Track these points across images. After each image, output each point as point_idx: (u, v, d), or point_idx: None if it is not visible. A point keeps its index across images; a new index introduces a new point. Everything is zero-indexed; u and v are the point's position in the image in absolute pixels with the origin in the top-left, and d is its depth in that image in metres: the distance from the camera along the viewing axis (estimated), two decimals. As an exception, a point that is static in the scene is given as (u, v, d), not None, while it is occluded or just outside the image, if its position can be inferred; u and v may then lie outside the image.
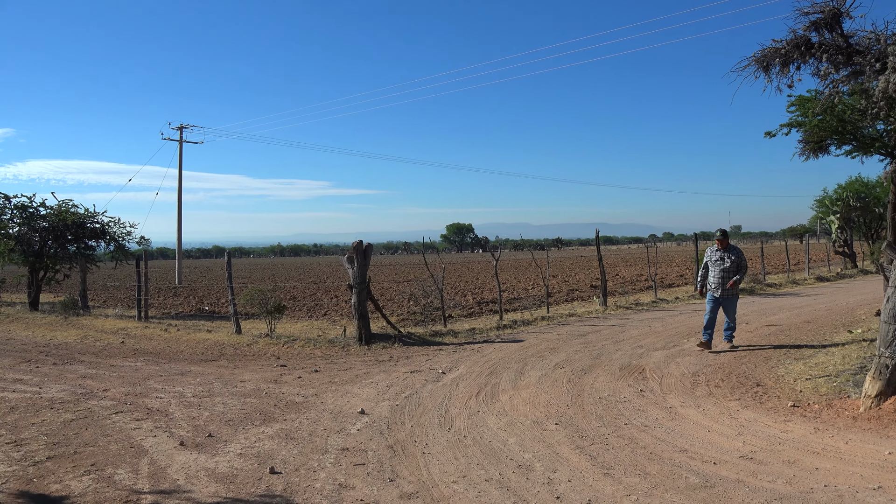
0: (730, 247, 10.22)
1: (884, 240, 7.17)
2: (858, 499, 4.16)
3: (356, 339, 11.46)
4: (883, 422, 5.75)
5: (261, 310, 13.01)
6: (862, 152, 13.29)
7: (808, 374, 7.90)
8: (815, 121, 12.44)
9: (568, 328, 13.04)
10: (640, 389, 7.55)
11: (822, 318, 13.20)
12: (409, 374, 8.87)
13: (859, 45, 9.14)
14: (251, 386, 8.36)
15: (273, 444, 5.82)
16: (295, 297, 22.82)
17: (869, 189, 29.87)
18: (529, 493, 4.52)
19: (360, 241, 11.87)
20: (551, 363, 9.26)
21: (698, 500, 4.29)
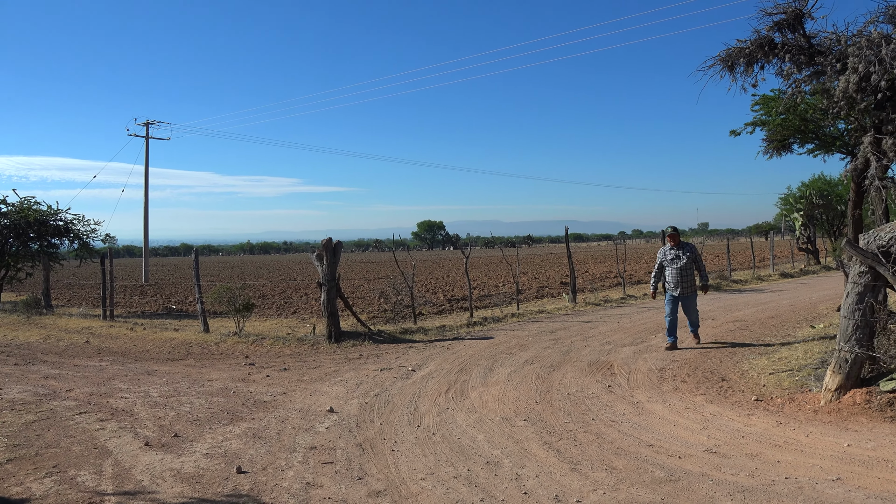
0: (682, 243, 10.00)
1: (845, 237, 7.32)
2: (818, 490, 4.26)
3: (326, 337, 11.41)
4: (842, 414, 5.88)
5: (229, 308, 12.88)
6: (824, 151, 13.56)
7: (772, 369, 8.05)
8: (778, 120, 12.67)
9: (538, 325, 13.12)
10: (608, 385, 7.63)
11: (786, 314, 13.44)
12: (378, 371, 8.86)
13: (821, 45, 9.32)
14: (219, 385, 8.27)
15: (240, 444, 5.77)
16: (264, 296, 22.63)
17: (831, 187, 30.52)
18: (497, 489, 4.54)
19: (329, 238, 11.81)
20: (521, 360, 9.30)
21: (663, 493, 4.35)
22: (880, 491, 4.18)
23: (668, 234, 10.02)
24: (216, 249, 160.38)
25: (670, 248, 9.95)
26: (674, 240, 9.93)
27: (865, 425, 5.55)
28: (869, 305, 6.21)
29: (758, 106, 13.52)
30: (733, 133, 13.95)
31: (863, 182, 9.57)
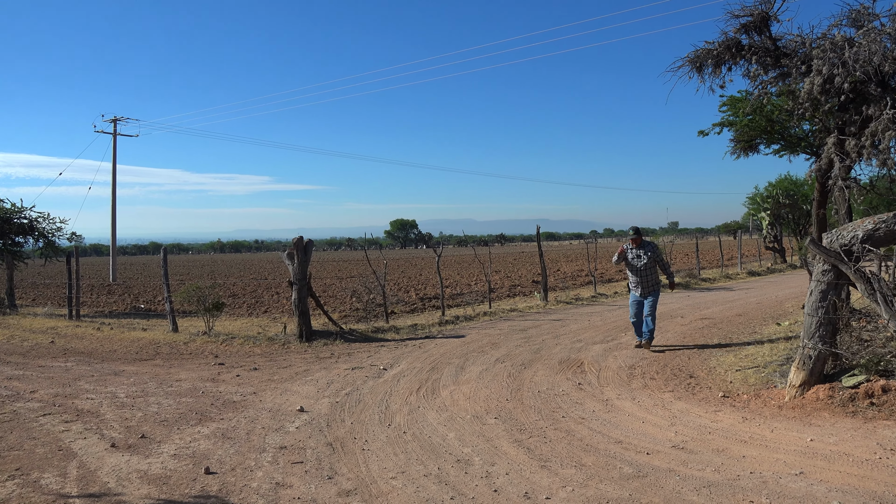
0: (644, 243, 9.86)
1: (810, 236, 7.47)
2: (781, 484, 4.34)
3: (297, 337, 11.34)
4: (806, 410, 6.00)
5: (199, 307, 12.74)
6: (789, 151, 13.80)
7: (739, 366, 8.18)
8: (745, 120, 12.86)
9: (509, 323, 13.17)
10: (579, 383, 7.69)
11: (753, 312, 13.66)
12: (350, 370, 8.83)
13: (787, 47, 9.48)
14: (187, 385, 8.18)
15: (209, 444, 5.71)
16: (235, 295, 22.42)
17: (797, 187, 31.07)
18: (467, 487, 4.56)
19: (300, 237, 11.74)
20: (492, 358, 9.34)
21: (631, 489, 4.40)
22: (841, 484, 4.27)
23: (630, 237, 9.87)
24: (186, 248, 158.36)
25: (632, 247, 9.84)
26: (636, 241, 9.80)
27: (828, 420, 5.66)
28: (832, 303, 6.34)
29: (725, 107, 13.72)
30: (702, 133, 14.14)
31: (827, 182, 9.76)
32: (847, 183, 9.42)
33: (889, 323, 6.00)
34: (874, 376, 6.17)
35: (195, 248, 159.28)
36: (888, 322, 6.01)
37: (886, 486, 4.18)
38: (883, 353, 6.84)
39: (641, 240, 9.83)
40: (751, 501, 4.10)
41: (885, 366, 6.55)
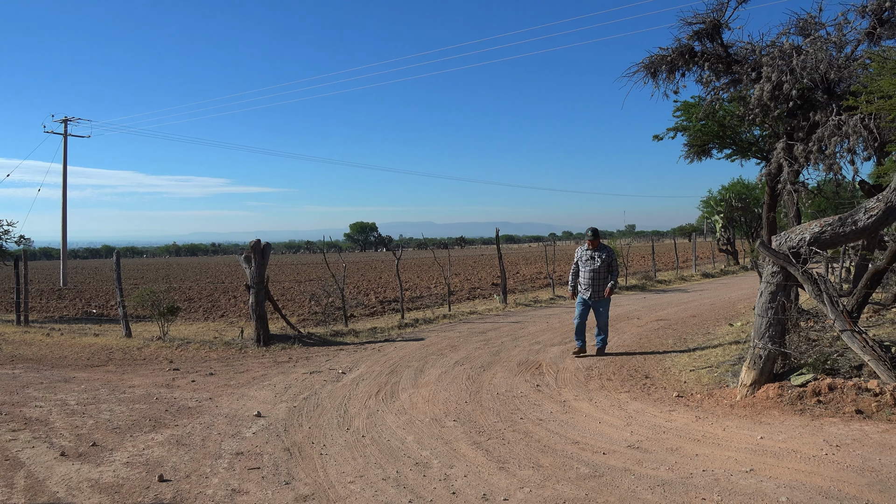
0: (601, 245, 9.67)
1: (760, 238, 7.66)
2: (732, 481, 4.44)
3: (254, 341, 11.20)
4: (756, 408, 6.15)
5: (153, 312, 12.50)
6: (741, 156, 14.12)
7: (692, 366, 8.34)
8: (698, 125, 13.12)
9: (469, 326, 13.22)
10: (537, 384, 7.75)
11: (707, 313, 13.95)
12: (308, 374, 8.75)
13: (738, 54, 9.71)
14: (141, 391, 8.02)
15: (163, 451, 5.61)
16: (191, 299, 22.04)
17: (749, 190, 31.82)
18: (426, 490, 4.56)
19: (258, 240, 11.60)
20: (451, 361, 9.36)
21: (587, 489, 4.45)
22: (789, 480, 4.39)
23: (588, 238, 9.65)
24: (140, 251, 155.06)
25: (587, 248, 9.64)
26: (592, 243, 9.61)
27: (777, 418, 5.81)
28: (781, 304, 6.51)
29: (679, 112, 13.98)
30: (656, 138, 14.38)
31: (776, 186, 10.02)
32: (796, 187, 9.69)
33: (835, 323, 6.19)
34: (821, 375, 6.36)
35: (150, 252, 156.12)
36: (834, 322, 6.20)
37: (832, 482, 4.31)
38: (829, 353, 7.06)
39: (599, 242, 9.69)
40: (703, 499, 4.18)
41: (832, 364, 6.76)
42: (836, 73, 8.81)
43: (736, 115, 11.62)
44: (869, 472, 4.43)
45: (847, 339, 6.11)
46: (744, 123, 11.52)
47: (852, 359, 6.80)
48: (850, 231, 6.26)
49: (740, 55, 9.66)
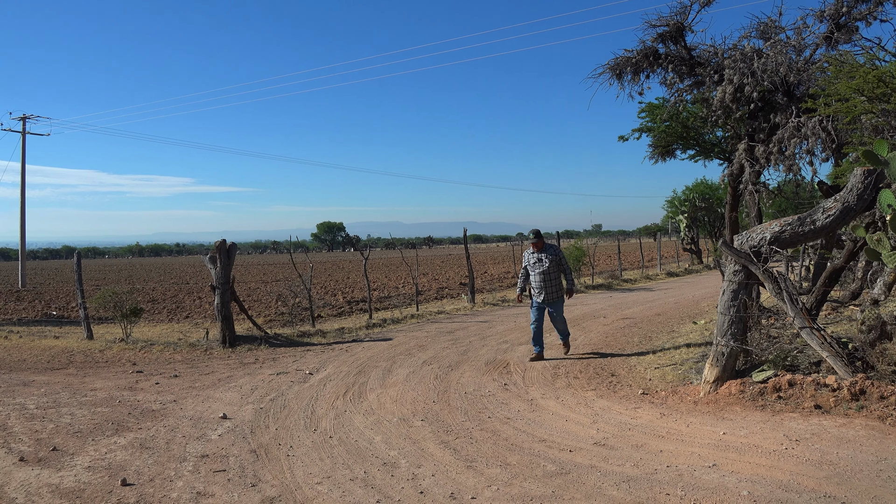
0: (546, 246, 9.29)
1: (723, 237, 7.80)
2: (695, 476, 4.51)
3: (219, 342, 11.07)
4: (719, 405, 6.26)
5: (115, 313, 12.28)
6: (704, 157, 14.38)
7: (657, 364, 8.46)
8: (662, 127, 13.32)
9: (437, 325, 13.23)
10: (504, 383, 7.79)
11: (671, 311, 14.15)
12: (274, 375, 8.68)
13: (701, 57, 9.88)
14: (103, 394, 7.87)
15: (126, 455, 5.51)
16: (154, 300, 21.71)
17: (712, 191, 32.38)
18: (394, 490, 4.56)
19: (223, 240, 11.47)
20: (419, 360, 9.36)
21: (554, 486, 4.49)
22: (750, 475, 4.48)
23: (531, 241, 9.32)
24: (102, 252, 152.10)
25: (532, 252, 9.28)
26: (536, 245, 9.24)
27: (739, 414, 5.92)
28: (742, 302, 6.63)
29: (644, 113, 14.18)
30: (622, 138, 14.57)
31: (739, 186, 10.22)
32: (757, 187, 9.89)
33: (795, 320, 6.33)
34: (781, 371, 6.49)
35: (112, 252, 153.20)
36: (794, 319, 6.34)
37: (791, 475, 4.41)
38: (789, 349, 7.21)
39: (543, 243, 9.32)
40: (667, 494, 4.25)
41: (792, 361, 6.91)
42: (796, 76, 9.01)
43: (699, 117, 11.83)
44: (827, 465, 4.54)
45: (806, 336, 6.25)
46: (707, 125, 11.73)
47: (811, 355, 6.96)
48: (809, 230, 6.40)
49: (703, 58, 9.84)
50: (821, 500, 4.02)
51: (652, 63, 9.88)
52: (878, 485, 4.18)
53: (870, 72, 7.13)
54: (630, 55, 9.85)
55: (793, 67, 9.02)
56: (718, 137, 14.16)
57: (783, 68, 8.97)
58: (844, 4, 9.07)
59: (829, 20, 9.17)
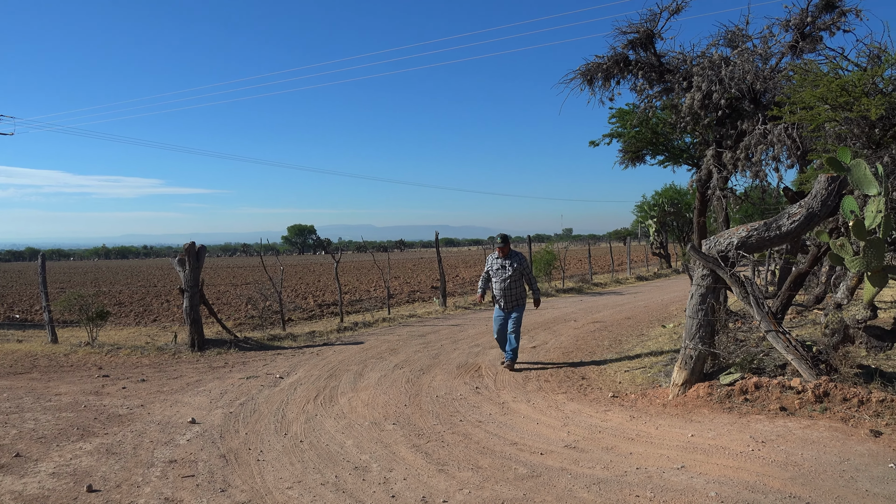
0: (511, 253, 9.03)
1: (691, 242, 7.91)
2: (664, 478, 4.57)
3: (188, 346, 10.93)
4: (688, 407, 6.34)
5: (81, 316, 12.05)
6: (673, 162, 14.57)
7: (627, 367, 8.55)
8: (632, 132, 13.48)
9: (408, 329, 13.21)
10: (476, 387, 7.81)
11: (641, 315, 14.30)
12: (244, 380, 8.60)
13: (670, 64, 10.02)
14: (68, 399, 7.73)
15: (92, 461, 5.42)
16: (121, 303, 21.37)
17: (681, 196, 32.84)
18: (365, 494, 4.54)
19: (192, 242, 11.34)
20: (391, 364, 9.34)
21: (525, 489, 4.51)
22: (718, 476, 4.55)
23: (497, 245, 9.06)
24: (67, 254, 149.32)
25: (497, 257, 9.02)
26: (502, 250, 8.97)
27: (707, 416, 6.01)
28: (710, 306, 6.73)
29: (614, 119, 14.33)
30: (592, 144, 14.71)
31: (707, 192, 10.37)
32: (724, 193, 10.04)
33: (761, 324, 6.44)
34: (748, 374, 6.60)
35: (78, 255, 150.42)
36: (760, 323, 6.45)
37: (758, 476, 4.49)
38: (756, 352, 7.34)
39: (509, 249, 9.07)
40: (637, 496, 4.29)
41: (758, 364, 7.03)
42: (762, 84, 9.17)
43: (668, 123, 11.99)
44: (792, 466, 4.63)
45: (772, 340, 6.36)
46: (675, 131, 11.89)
47: (777, 358, 7.09)
48: (775, 235, 6.52)
49: (672, 65, 9.97)
50: (786, 500, 4.10)
51: (622, 69, 9.99)
52: (841, 485, 4.27)
53: (833, 81, 7.29)
54: (601, 61, 9.95)
55: (759, 75, 9.18)
56: (687, 143, 14.37)
57: (750, 76, 9.13)
58: (809, 14, 9.26)
59: (795, 29, 9.36)
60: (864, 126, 7.40)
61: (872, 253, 5.86)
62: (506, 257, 8.94)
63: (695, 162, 13.90)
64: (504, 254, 8.96)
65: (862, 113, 7.01)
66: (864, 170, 6.12)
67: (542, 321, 13.54)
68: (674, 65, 9.94)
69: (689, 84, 9.52)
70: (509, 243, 9.09)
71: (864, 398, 5.62)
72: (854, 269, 6.13)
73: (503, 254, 8.96)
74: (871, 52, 7.66)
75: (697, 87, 9.28)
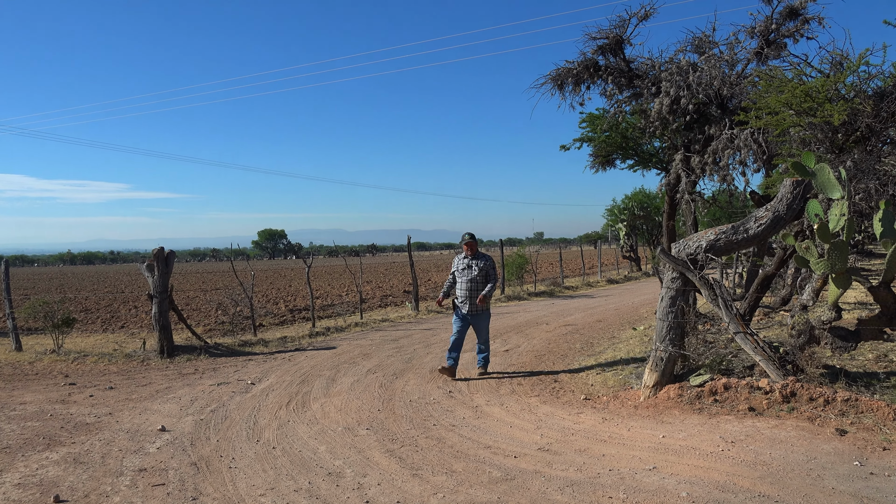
0: (479, 254, 8.66)
1: (661, 245, 8.01)
2: (637, 479, 4.62)
3: (157, 353, 10.78)
4: (659, 409, 6.41)
5: (46, 324, 11.82)
6: (643, 166, 14.75)
7: (599, 369, 8.62)
8: (602, 137, 13.62)
9: (381, 333, 13.18)
10: (449, 391, 7.81)
11: (612, 317, 14.43)
12: (215, 386, 8.50)
13: (639, 69, 10.15)
14: (33, 408, 7.57)
15: (59, 470, 5.32)
16: (88, 309, 20.99)
17: (650, 200, 33.24)
18: (339, 500, 4.52)
19: (161, 247, 11.19)
20: (364, 369, 9.30)
21: (499, 492, 4.53)
22: (689, 476, 4.61)
23: (465, 242, 8.65)
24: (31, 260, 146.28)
25: (464, 256, 8.66)
26: (470, 248, 8.61)
27: (678, 417, 6.09)
28: (680, 308, 6.82)
29: (585, 123, 14.45)
30: (563, 148, 14.82)
31: (675, 195, 10.52)
32: (693, 196, 10.19)
33: (729, 325, 6.54)
34: (717, 375, 6.70)
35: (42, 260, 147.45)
36: (728, 325, 6.55)
37: (728, 476, 4.55)
38: (724, 354, 7.45)
39: (477, 248, 8.74)
40: (610, 497, 4.33)
41: (727, 365, 7.14)
42: (729, 90, 9.34)
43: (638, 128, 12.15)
44: (761, 465, 4.71)
45: (740, 341, 6.47)
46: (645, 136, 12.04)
47: (745, 359, 7.21)
48: (742, 238, 6.64)
49: (641, 70, 10.11)
50: (755, 499, 4.16)
51: (592, 74, 10.11)
52: (809, 483, 4.35)
53: (797, 87, 7.45)
54: (571, 66, 10.05)
55: (726, 81, 9.35)
56: (656, 148, 14.56)
57: (717, 82, 9.29)
58: (774, 22, 9.45)
59: (760, 36, 9.55)
60: (828, 131, 7.58)
61: (836, 255, 5.99)
62: (473, 256, 8.59)
63: (664, 166, 14.08)
64: (472, 252, 8.62)
65: (825, 118, 7.17)
66: (828, 174, 6.26)
67: (515, 324, 13.60)
68: (643, 70, 10.08)
69: (658, 89, 9.66)
70: (476, 242, 8.70)
71: (829, 398, 5.73)
72: (819, 272, 6.27)
73: (471, 252, 8.62)
74: (834, 59, 7.85)
75: (666, 92, 9.42)
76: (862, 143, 7.63)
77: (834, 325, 6.75)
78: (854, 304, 12.52)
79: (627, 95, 10.30)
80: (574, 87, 10.20)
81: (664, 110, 9.46)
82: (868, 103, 7.30)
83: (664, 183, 10.92)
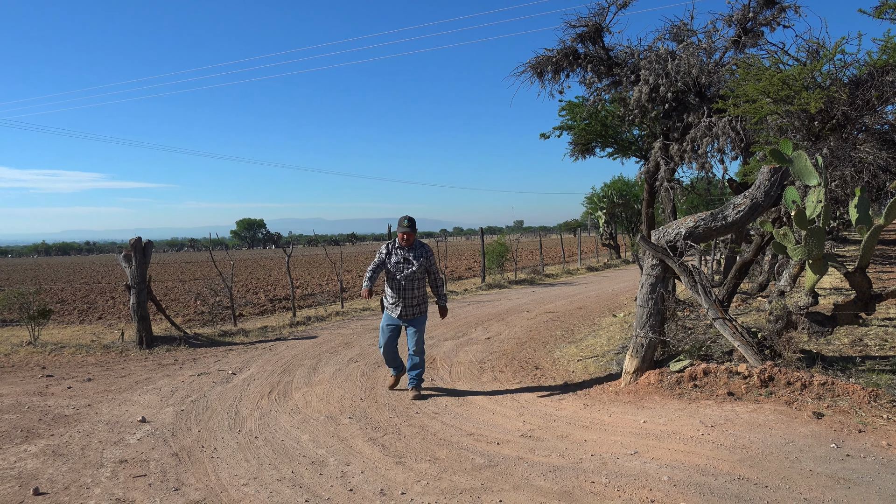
0: (417, 243, 7.02)
1: (640, 233, 8.06)
2: (619, 464, 4.67)
3: (136, 343, 10.68)
4: (640, 394, 6.48)
5: (21, 315, 11.66)
6: (622, 154, 14.81)
7: (580, 356, 8.68)
8: (582, 125, 13.65)
9: (362, 322, 13.16)
10: (431, 378, 7.83)
11: (592, 304, 14.53)
12: (195, 376, 8.45)
13: (618, 57, 10.18)
14: (10, 401, 7.47)
15: (37, 463, 5.26)
16: (64, 301, 20.75)
17: (629, 187, 33.42)
18: (322, 489, 4.52)
19: (139, 237, 11.07)
20: (346, 358, 9.29)
21: (483, 479, 4.55)
22: (670, 460, 4.66)
23: (403, 229, 6.88)
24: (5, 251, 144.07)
25: (398, 246, 6.97)
26: (408, 238, 6.90)
27: (658, 403, 6.15)
28: (660, 295, 6.88)
29: (564, 111, 14.47)
30: (543, 136, 14.84)
31: (654, 183, 10.59)
32: (672, 184, 10.26)
33: (708, 311, 6.61)
34: (697, 360, 6.77)
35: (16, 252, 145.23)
36: (707, 311, 6.62)
37: (708, 460, 4.62)
38: (704, 340, 7.53)
39: (415, 238, 7.06)
40: (592, 482, 4.37)
41: (706, 351, 7.22)
42: (707, 78, 9.40)
43: (617, 116, 12.19)
44: (740, 449, 4.78)
45: (719, 327, 6.54)
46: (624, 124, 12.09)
47: (724, 345, 7.30)
48: (721, 226, 6.70)
49: (620, 58, 10.14)
50: (735, 481, 4.23)
51: (572, 62, 10.12)
52: (787, 465, 4.43)
53: (775, 75, 7.51)
54: (551, 55, 10.06)
55: (704, 69, 9.41)
56: (635, 136, 14.63)
57: (695, 70, 9.34)
58: (751, 10, 9.52)
59: (738, 25, 9.61)
60: (805, 119, 7.65)
61: (813, 241, 6.07)
62: (410, 248, 6.95)
63: (643, 154, 14.16)
64: (409, 243, 6.93)
65: (802, 106, 7.24)
66: (804, 161, 6.33)
67: (496, 312, 13.64)
68: (622, 58, 10.11)
69: (637, 77, 9.70)
70: (415, 229, 6.97)
71: (806, 382, 5.82)
72: (796, 258, 6.35)
73: (408, 243, 6.92)
74: (811, 47, 7.92)
75: (645, 80, 9.46)
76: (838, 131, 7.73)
77: (811, 311, 6.84)
78: (830, 289, 12.71)
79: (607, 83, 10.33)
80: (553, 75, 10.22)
81: (643, 98, 9.50)
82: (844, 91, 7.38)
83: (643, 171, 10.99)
